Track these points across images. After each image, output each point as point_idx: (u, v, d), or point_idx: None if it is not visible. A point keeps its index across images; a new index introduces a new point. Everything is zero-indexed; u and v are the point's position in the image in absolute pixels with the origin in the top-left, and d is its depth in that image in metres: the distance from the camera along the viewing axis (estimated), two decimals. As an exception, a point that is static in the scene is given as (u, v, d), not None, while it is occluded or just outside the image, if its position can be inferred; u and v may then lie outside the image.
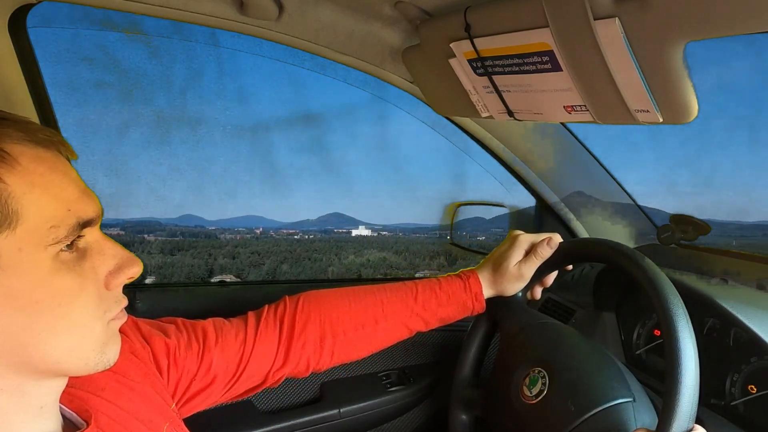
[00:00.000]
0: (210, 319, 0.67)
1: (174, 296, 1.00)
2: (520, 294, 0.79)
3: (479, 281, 0.76)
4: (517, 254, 0.75)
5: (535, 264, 0.75)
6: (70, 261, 0.39)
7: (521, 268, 0.74)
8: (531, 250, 0.75)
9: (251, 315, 0.70)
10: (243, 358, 0.65)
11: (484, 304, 0.76)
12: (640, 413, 0.61)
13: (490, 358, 0.86)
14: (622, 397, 0.62)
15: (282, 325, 0.69)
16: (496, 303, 0.79)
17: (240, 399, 0.71)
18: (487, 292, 0.76)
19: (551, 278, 0.80)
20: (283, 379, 0.70)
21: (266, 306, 0.72)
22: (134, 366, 0.54)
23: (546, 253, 0.74)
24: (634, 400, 0.61)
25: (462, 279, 0.76)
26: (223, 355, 0.64)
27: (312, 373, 0.71)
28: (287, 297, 0.72)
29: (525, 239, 0.76)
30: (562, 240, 0.76)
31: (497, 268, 0.76)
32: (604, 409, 0.61)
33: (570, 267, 0.81)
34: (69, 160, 0.42)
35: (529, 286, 0.79)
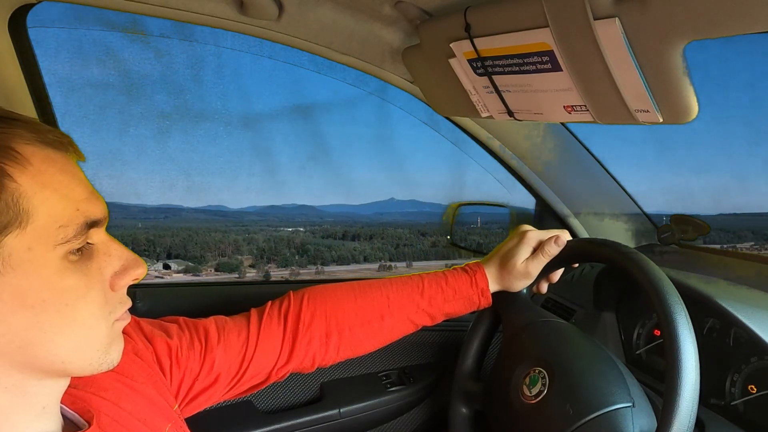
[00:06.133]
0: (212, 318, 0.66)
1: (175, 296, 1.00)
2: (525, 290, 0.79)
3: (485, 276, 0.75)
4: (525, 251, 0.74)
5: (543, 262, 0.74)
6: (77, 261, 0.39)
7: (528, 265, 0.74)
8: (539, 248, 0.74)
9: (254, 312, 0.69)
10: (246, 356, 0.65)
11: (491, 300, 0.76)
12: (638, 418, 0.60)
13: (492, 352, 0.86)
14: (621, 402, 0.61)
15: (287, 321, 0.68)
16: (501, 298, 0.79)
17: (242, 396, 0.70)
18: (493, 287, 0.76)
19: (557, 275, 0.80)
20: (288, 374, 0.69)
21: (269, 302, 0.71)
22: (137, 367, 0.54)
23: (554, 251, 0.74)
24: (633, 405, 0.61)
25: (468, 274, 0.75)
26: (226, 354, 0.63)
27: (317, 368, 0.71)
28: (292, 292, 0.72)
29: (533, 236, 0.75)
30: (570, 238, 0.76)
31: (504, 264, 0.75)
32: (602, 413, 0.61)
33: (576, 264, 0.81)
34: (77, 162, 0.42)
35: (535, 282, 0.78)
